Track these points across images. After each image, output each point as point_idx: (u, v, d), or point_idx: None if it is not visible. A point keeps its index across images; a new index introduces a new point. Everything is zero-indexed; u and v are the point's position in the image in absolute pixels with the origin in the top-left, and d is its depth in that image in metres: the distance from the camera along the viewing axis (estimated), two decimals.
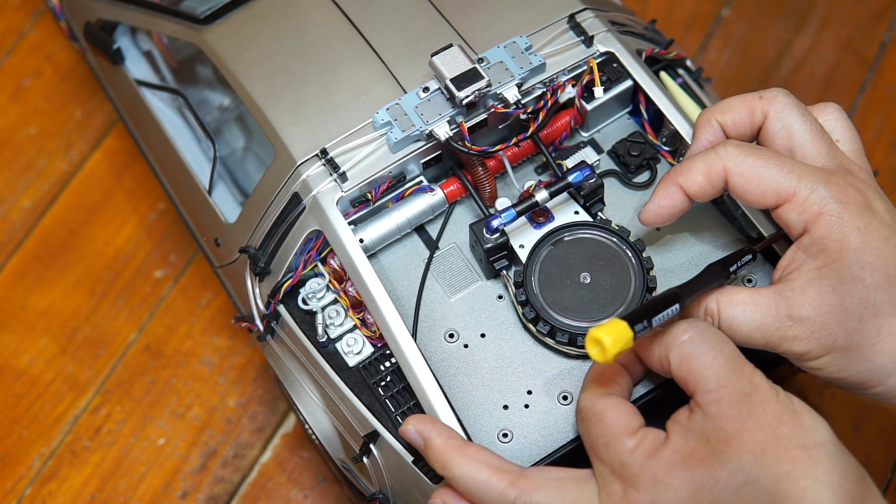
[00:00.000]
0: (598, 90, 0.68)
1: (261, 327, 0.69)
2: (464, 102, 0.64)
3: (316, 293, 0.66)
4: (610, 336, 0.53)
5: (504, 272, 0.65)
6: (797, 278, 0.57)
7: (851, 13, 0.98)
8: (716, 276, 0.59)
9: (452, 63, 0.64)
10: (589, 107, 0.68)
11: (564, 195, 0.66)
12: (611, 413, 0.55)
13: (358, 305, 0.66)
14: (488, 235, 0.63)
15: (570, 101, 0.69)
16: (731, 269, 0.60)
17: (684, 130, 0.66)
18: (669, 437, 0.54)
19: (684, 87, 0.72)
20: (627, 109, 0.71)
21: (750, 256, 0.61)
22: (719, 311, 0.58)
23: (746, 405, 0.53)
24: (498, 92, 0.65)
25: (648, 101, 0.68)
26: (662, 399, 0.61)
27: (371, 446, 0.63)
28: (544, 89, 0.67)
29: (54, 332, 0.86)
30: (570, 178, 0.64)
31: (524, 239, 0.65)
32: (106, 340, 0.86)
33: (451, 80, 0.64)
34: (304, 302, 0.66)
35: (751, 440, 0.52)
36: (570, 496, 0.55)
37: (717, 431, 0.53)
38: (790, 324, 0.56)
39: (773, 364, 0.64)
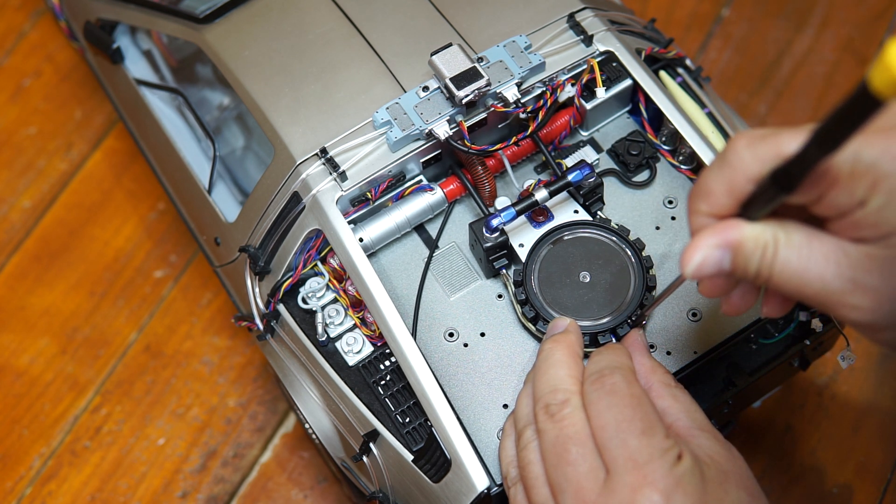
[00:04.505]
0: (599, 91, 0.68)
1: (260, 326, 0.69)
2: (463, 101, 0.64)
3: (316, 292, 0.66)
4: None
5: (504, 271, 0.64)
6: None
7: (851, 13, 0.98)
8: None
9: (452, 62, 0.64)
10: (588, 106, 0.68)
11: (564, 194, 0.66)
12: (648, 404, 0.52)
13: (358, 304, 0.66)
14: (488, 234, 0.63)
15: (570, 100, 0.69)
16: None
17: (684, 130, 0.66)
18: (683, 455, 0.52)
19: (684, 86, 0.71)
20: (627, 108, 0.71)
21: None
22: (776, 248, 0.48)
23: None
24: (497, 91, 0.65)
25: (648, 100, 0.68)
26: None
27: (371, 445, 0.63)
28: (544, 88, 0.67)
29: (54, 332, 0.86)
30: (570, 177, 0.64)
31: (524, 238, 0.65)
32: (106, 340, 0.86)
33: (451, 79, 0.64)
34: (304, 301, 0.66)
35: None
36: (581, 466, 0.52)
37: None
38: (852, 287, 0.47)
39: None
